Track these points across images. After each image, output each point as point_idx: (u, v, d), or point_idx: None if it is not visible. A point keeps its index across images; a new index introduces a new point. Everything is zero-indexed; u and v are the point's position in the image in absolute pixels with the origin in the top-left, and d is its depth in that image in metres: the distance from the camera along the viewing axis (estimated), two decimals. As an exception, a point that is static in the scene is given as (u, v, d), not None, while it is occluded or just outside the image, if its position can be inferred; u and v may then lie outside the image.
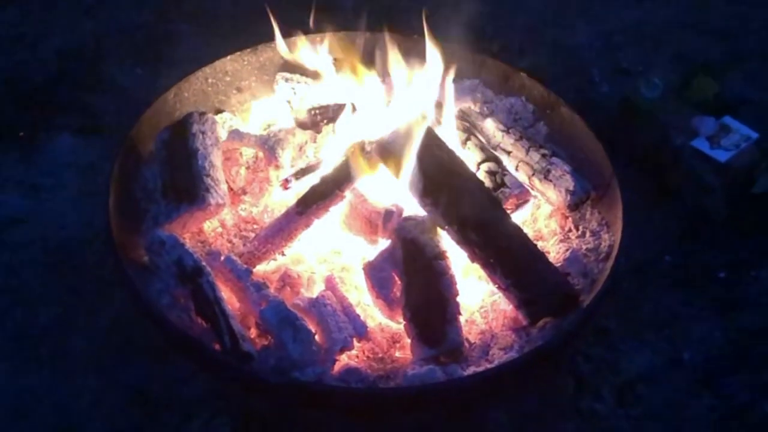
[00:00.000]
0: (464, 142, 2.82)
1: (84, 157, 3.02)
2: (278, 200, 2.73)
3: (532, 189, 2.75)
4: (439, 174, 2.53)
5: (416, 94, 2.76)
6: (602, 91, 3.09)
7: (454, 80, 2.84)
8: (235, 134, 2.83)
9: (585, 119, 2.80)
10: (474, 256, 2.51)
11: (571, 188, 2.69)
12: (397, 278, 2.47)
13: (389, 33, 2.81)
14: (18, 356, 2.59)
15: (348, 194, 2.62)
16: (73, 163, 3.01)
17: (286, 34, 2.90)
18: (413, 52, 2.77)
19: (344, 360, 2.42)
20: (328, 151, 2.76)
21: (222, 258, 2.50)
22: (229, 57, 2.93)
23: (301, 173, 2.71)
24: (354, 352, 2.44)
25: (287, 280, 2.56)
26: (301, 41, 2.93)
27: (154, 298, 2.41)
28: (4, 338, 2.62)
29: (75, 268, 2.74)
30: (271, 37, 2.96)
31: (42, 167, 2.99)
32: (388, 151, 2.58)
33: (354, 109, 2.82)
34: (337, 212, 2.64)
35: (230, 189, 2.74)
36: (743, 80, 3.26)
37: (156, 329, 2.42)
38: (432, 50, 2.74)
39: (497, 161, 2.78)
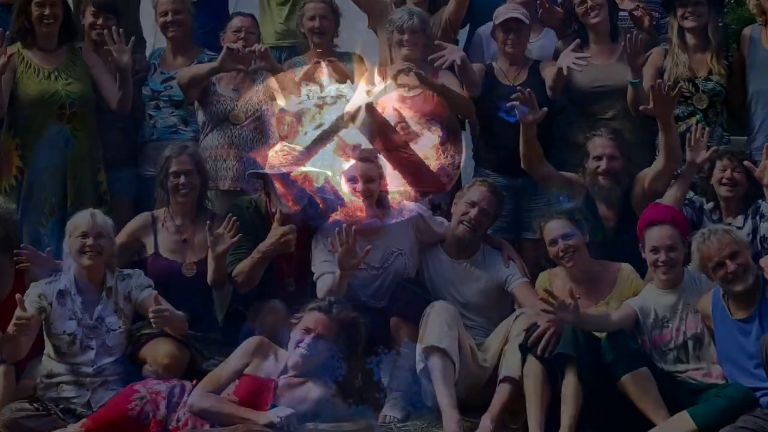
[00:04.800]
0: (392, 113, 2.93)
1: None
2: (302, 142, 2.79)
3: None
4: (378, 129, 2.69)
5: (369, 92, 2.78)
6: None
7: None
8: (282, 110, 2.92)
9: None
10: (395, 166, 2.75)
11: (441, 135, 2.85)
12: (360, 179, 2.70)
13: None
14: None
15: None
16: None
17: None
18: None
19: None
20: (328, 118, 2.80)
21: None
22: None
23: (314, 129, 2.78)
24: (337, 210, 2.69)
25: (306, 178, 2.69)
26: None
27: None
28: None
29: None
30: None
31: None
32: (355, 117, 2.67)
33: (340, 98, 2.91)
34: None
35: (280, 135, 2.86)
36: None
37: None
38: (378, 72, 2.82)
39: (407, 122, 2.88)
